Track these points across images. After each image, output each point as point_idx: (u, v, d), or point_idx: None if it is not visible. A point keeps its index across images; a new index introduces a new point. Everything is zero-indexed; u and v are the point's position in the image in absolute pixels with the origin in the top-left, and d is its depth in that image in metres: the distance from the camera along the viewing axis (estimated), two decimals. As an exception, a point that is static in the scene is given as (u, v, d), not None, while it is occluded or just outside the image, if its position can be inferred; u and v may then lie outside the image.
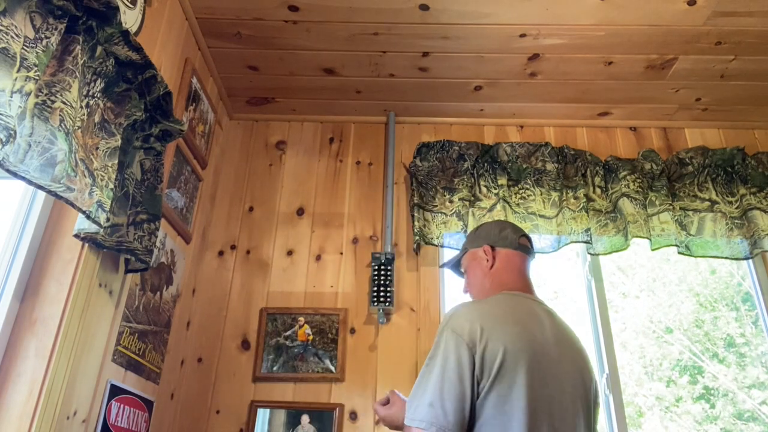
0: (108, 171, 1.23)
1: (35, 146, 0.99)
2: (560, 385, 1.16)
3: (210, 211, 2.27)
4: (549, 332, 1.23)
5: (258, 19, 1.96)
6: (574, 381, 1.21)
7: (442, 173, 2.26)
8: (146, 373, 1.68)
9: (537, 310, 1.28)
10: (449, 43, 2.05)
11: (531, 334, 1.18)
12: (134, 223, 1.41)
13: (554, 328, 1.26)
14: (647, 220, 2.16)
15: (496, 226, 1.51)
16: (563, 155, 2.29)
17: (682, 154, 2.32)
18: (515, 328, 1.17)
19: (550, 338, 1.21)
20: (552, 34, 2.01)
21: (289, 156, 2.42)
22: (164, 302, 1.81)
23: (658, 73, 2.19)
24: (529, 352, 1.14)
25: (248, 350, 2.05)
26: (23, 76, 0.95)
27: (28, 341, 1.21)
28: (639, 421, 5.61)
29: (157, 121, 1.47)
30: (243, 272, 2.18)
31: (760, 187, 2.23)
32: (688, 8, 1.87)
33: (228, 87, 2.33)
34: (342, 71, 2.22)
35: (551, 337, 1.22)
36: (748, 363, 5.59)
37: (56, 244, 1.30)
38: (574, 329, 1.36)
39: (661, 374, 5.79)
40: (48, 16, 1.03)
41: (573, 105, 2.40)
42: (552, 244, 2.15)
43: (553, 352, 1.19)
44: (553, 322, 1.27)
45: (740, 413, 5.36)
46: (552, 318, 1.29)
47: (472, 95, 2.35)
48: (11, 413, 1.14)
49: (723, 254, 2.16)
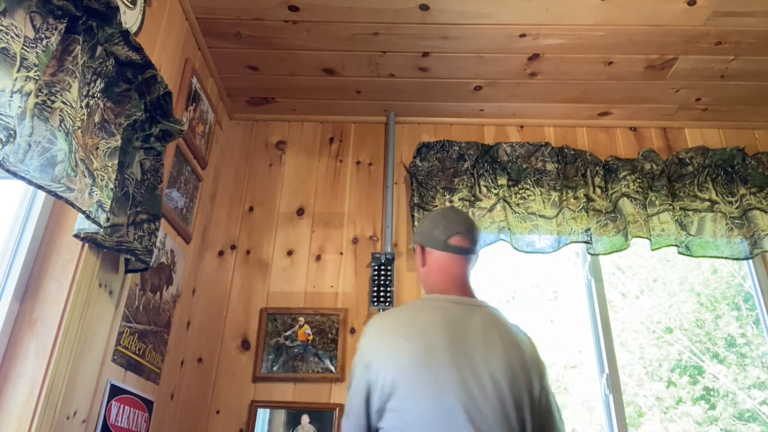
0: (108, 171, 1.23)
1: (35, 146, 0.99)
2: (475, 389, 1.16)
3: (210, 211, 2.27)
4: (466, 336, 1.22)
5: (258, 19, 1.96)
6: (502, 380, 1.18)
7: (442, 173, 2.26)
8: (146, 373, 1.68)
9: (455, 315, 1.25)
10: (449, 43, 2.05)
11: (428, 346, 1.19)
12: (134, 223, 1.41)
13: (480, 331, 1.23)
14: (647, 220, 2.16)
15: (430, 223, 1.44)
16: (563, 155, 2.29)
17: (682, 154, 2.32)
18: (409, 343, 1.20)
19: (465, 343, 1.21)
20: (552, 34, 2.01)
21: (289, 156, 2.42)
22: (164, 302, 1.81)
23: (658, 73, 2.19)
24: (420, 367, 1.18)
25: (248, 350, 2.05)
26: (23, 76, 0.95)
27: (28, 341, 1.21)
28: (639, 421, 5.60)
29: (157, 121, 1.47)
30: (243, 272, 2.18)
31: (760, 187, 2.23)
32: (688, 8, 1.87)
33: (228, 87, 2.34)
34: (342, 71, 2.23)
35: (470, 340, 1.21)
36: (749, 363, 5.59)
37: (56, 244, 1.30)
38: (521, 327, 1.35)
39: (662, 374, 5.79)
40: (48, 16, 1.03)
41: (573, 105, 2.40)
42: (552, 244, 2.15)
43: (462, 357, 1.19)
44: (481, 325, 1.25)
45: (740, 413, 5.36)
46: (483, 319, 1.26)
47: (472, 95, 2.35)
48: (11, 413, 1.14)
49: (723, 254, 2.16)
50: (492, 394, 1.16)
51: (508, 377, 1.19)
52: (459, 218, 1.42)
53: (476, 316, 1.27)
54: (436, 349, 1.19)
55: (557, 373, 6.30)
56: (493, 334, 1.24)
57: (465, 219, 1.43)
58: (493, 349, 1.21)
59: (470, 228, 1.41)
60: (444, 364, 1.17)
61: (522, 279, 7.06)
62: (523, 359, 1.23)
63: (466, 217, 1.44)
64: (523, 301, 6.94)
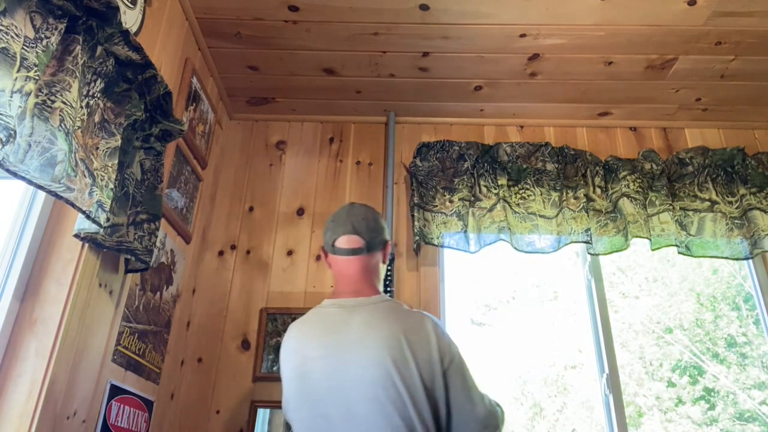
0: (108, 171, 1.23)
1: (35, 146, 0.99)
2: (350, 393, 1.19)
3: (210, 211, 2.27)
4: (342, 341, 1.24)
5: (258, 19, 1.96)
6: (377, 380, 1.18)
7: (442, 173, 2.27)
8: (146, 373, 1.68)
9: (334, 321, 1.28)
10: (449, 43, 2.05)
11: (305, 357, 1.26)
12: (134, 223, 1.41)
13: (357, 333, 1.24)
14: (647, 220, 2.16)
15: (327, 226, 1.44)
16: (563, 155, 2.29)
17: (682, 154, 2.32)
18: (293, 357, 1.29)
19: (341, 348, 1.23)
20: (552, 34, 2.01)
21: (289, 156, 2.42)
22: (164, 302, 1.81)
23: (658, 73, 2.19)
24: (298, 380, 1.26)
25: (248, 350, 2.05)
26: (23, 76, 0.95)
27: (28, 341, 1.21)
28: (639, 421, 5.61)
29: (157, 121, 1.47)
30: (243, 272, 2.18)
31: (760, 187, 2.23)
32: (688, 8, 1.87)
33: (228, 87, 2.34)
34: (342, 71, 2.23)
35: (346, 344, 1.23)
36: (749, 363, 5.59)
37: (56, 244, 1.30)
38: (410, 317, 1.29)
39: (662, 374, 5.79)
40: (48, 16, 1.03)
41: (573, 105, 2.40)
42: (552, 244, 2.15)
43: (336, 364, 1.22)
44: (360, 325, 1.25)
45: (740, 413, 5.36)
46: (363, 319, 1.26)
47: (472, 95, 2.35)
48: (11, 413, 1.14)
49: (723, 254, 2.16)
50: (366, 396, 1.17)
51: (384, 375, 1.18)
52: (346, 218, 1.40)
53: (357, 317, 1.27)
54: (312, 360, 1.24)
55: (557, 373, 6.30)
56: (371, 333, 1.23)
57: (351, 218, 1.40)
58: (368, 350, 1.21)
59: (357, 226, 1.38)
60: (316, 375, 1.23)
61: (522, 279, 7.06)
62: (402, 352, 1.20)
63: (354, 214, 1.41)
64: (523, 301, 6.94)
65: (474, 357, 6.49)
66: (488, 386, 6.34)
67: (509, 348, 6.60)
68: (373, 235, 1.39)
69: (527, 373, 6.39)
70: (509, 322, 6.81)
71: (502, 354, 6.55)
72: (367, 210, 1.43)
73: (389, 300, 1.33)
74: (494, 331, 6.84)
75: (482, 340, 6.80)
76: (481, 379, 6.31)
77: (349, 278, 1.37)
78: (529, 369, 6.40)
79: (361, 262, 1.38)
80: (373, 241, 1.39)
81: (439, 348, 1.23)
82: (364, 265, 1.38)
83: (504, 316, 6.89)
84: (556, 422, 6.02)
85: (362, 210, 1.42)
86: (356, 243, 1.37)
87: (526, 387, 6.34)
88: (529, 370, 6.40)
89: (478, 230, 2.15)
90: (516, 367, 6.45)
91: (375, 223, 1.41)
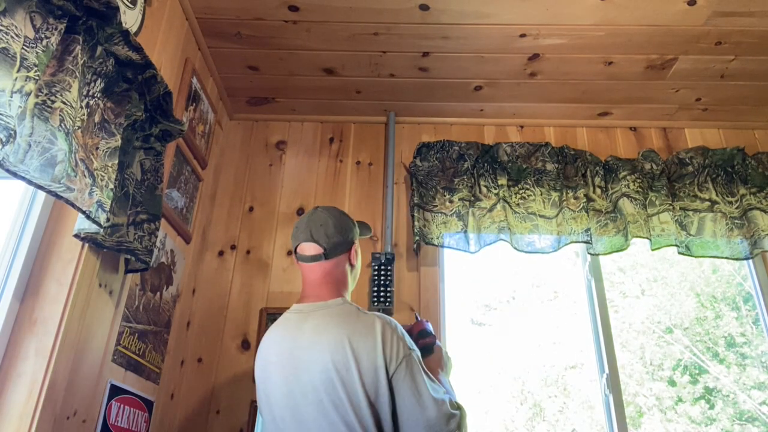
0: (108, 171, 1.23)
1: (35, 146, 0.99)
2: (299, 397, 1.23)
3: (210, 211, 2.27)
4: (295, 346, 1.27)
5: (258, 19, 1.96)
6: (320, 385, 1.21)
7: (442, 173, 2.26)
8: (146, 373, 1.68)
9: (290, 326, 1.32)
10: (449, 43, 2.05)
11: (266, 363, 1.31)
12: (134, 223, 1.41)
13: (308, 338, 1.27)
14: (647, 220, 2.16)
15: (292, 231, 1.46)
16: (563, 155, 2.29)
17: (682, 154, 2.32)
18: (259, 362, 1.35)
19: (293, 353, 1.26)
20: (552, 34, 2.01)
21: (289, 156, 2.42)
22: (164, 302, 1.81)
23: (658, 73, 2.19)
24: (261, 384, 1.31)
25: (248, 350, 2.05)
26: (23, 76, 0.95)
27: (28, 341, 1.21)
28: (639, 421, 5.61)
29: (157, 121, 1.47)
30: (243, 272, 2.18)
31: (760, 187, 2.23)
32: (688, 8, 1.87)
33: (228, 87, 2.34)
34: (342, 71, 2.23)
35: (298, 350, 1.26)
36: (749, 363, 5.59)
37: (56, 244, 1.30)
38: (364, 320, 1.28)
39: (662, 374, 5.79)
40: (48, 16, 1.03)
41: (573, 105, 2.40)
42: (552, 244, 2.15)
43: (288, 368, 1.26)
44: (311, 330, 1.28)
45: (740, 413, 5.36)
46: (315, 324, 1.28)
47: (472, 95, 2.35)
48: (11, 413, 1.14)
49: (723, 254, 2.16)
50: (312, 400, 1.21)
51: (327, 379, 1.20)
52: (306, 225, 1.42)
53: (310, 322, 1.30)
54: (271, 364, 1.29)
55: (557, 373, 6.30)
56: (319, 338, 1.25)
57: (311, 225, 1.41)
58: (314, 354, 1.24)
59: (315, 233, 1.39)
60: (273, 379, 1.28)
61: (522, 279, 7.06)
62: (345, 357, 1.21)
63: (314, 221, 1.42)
64: (523, 301, 6.95)
65: (474, 357, 6.49)
66: (488, 386, 6.34)
67: (509, 348, 6.60)
68: (333, 241, 1.40)
69: (527, 373, 6.39)
70: (509, 322, 6.81)
71: (502, 354, 6.56)
72: (327, 215, 1.43)
73: (345, 304, 1.34)
74: (494, 331, 6.84)
75: (482, 340, 6.80)
76: (481, 380, 6.30)
77: (311, 283, 1.40)
78: (529, 369, 6.41)
79: (321, 268, 1.40)
80: (332, 247, 1.40)
81: (384, 353, 1.22)
82: (325, 271, 1.40)
83: (504, 316, 6.90)
84: (556, 422, 6.03)
85: (322, 216, 1.43)
86: (314, 250, 1.40)
87: (526, 387, 6.34)
88: (529, 370, 6.40)
89: (478, 230, 2.15)
90: (516, 367, 6.45)
91: (335, 228, 1.41)
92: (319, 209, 1.46)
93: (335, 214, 1.45)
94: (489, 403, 6.35)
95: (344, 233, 1.43)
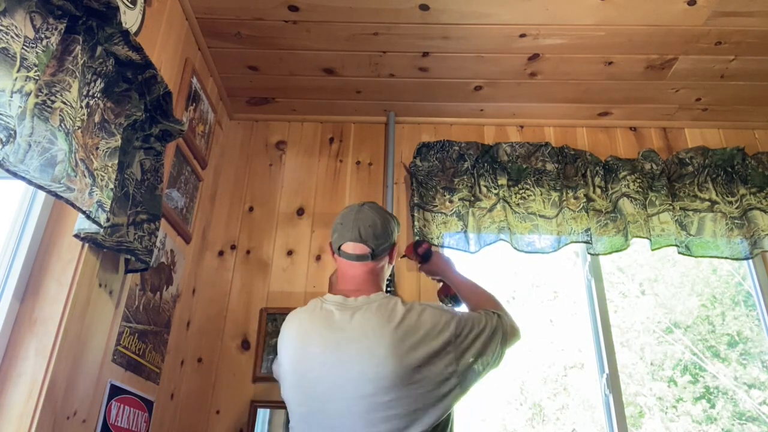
0: (108, 171, 1.23)
1: (35, 146, 0.99)
2: (334, 394, 1.20)
3: (210, 211, 2.27)
4: (341, 340, 1.24)
5: (258, 19, 1.96)
6: (356, 381, 1.19)
7: (442, 173, 2.26)
8: (146, 373, 1.68)
9: (336, 319, 1.28)
10: (449, 43, 2.05)
11: (306, 353, 1.27)
12: (134, 223, 1.41)
13: (355, 333, 1.24)
14: (647, 220, 2.16)
15: (335, 227, 1.44)
16: (563, 155, 2.29)
17: (682, 154, 2.32)
18: (292, 351, 1.30)
19: (339, 346, 1.23)
20: (552, 34, 2.01)
21: (289, 156, 2.42)
22: (164, 302, 1.81)
23: (658, 73, 2.19)
24: (297, 374, 1.27)
25: (248, 350, 2.05)
26: (23, 76, 0.95)
27: (28, 341, 1.21)
28: (640, 421, 5.61)
29: (157, 121, 1.47)
30: (243, 272, 2.18)
31: (760, 187, 2.23)
32: (688, 8, 1.87)
33: (228, 87, 2.34)
34: (342, 71, 2.23)
35: (344, 342, 1.23)
36: (749, 363, 5.59)
37: (56, 244, 1.30)
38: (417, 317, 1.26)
39: (663, 374, 5.79)
40: (48, 16, 1.03)
41: (573, 105, 2.40)
42: (552, 244, 2.15)
43: (334, 361, 1.22)
44: (358, 326, 1.25)
45: (741, 413, 5.36)
46: (361, 319, 1.26)
47: (472, 95, 2.35)
48: (11, 413, 1.14)
49: (723, 254, 2.16)
50: (364, 393, 1.18)
51: (382, 372, 1.17)
52: (353, 223, 1.39)
53: (357, 316, 1.27)
54: (312, 355, 1.25)
55: (557, 373, 6.30)
56: (367, 332, 1.23)
57: (359, 223, 1.38)
58: (364, 347, 1.21)
59: (364, 233, 1.37)
60: (316, 371, 1.23)
61: (522, 279, 7.06)
62: (399, 347, 1.19)
63: (362, 219, 1.39)
64: (523, 301, 6.95)
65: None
66: (488, 387, 6.34)
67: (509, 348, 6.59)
68: (380, 242, 1.38)
69: (527, 373, 6.39)
70: (509, 322, 6.79)
71: (501, 354, 6.54)
72: (375, 215, 1.40)
73: (387, 297, 1.33)
74: (494, 331, 6.82)
75: (482, 340, 6.77)
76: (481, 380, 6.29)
77: (353, 279, 1.38)
78: (529, 369, 6.41)
79: (366, 266, 1.38)
80: (380, 248, 1.38)
81: (432, 344, 1.22)
82: (369, 270, 1.38)
83: (504, 316, 6.87)
84: (557, 422, 6.03)
85: (371, 215, 1.40)
86: (362, 250, 1.37)
87: (526, 387, 6.34)
88: (529, 370, 6.40)
89: (478, 230, 2.15)
90: (516, 367, 6.45)
91: (383, 229, 1.39)
92: (366, 206, 1.43)
93: (383, 214, 1.43)
94: (489, 404, 6.36)
95: (390, 235, 1.42)
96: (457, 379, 1.22)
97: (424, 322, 1.24)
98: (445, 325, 1.25)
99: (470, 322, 1.30)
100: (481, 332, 1.29)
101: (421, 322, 1.23)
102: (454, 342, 1.24)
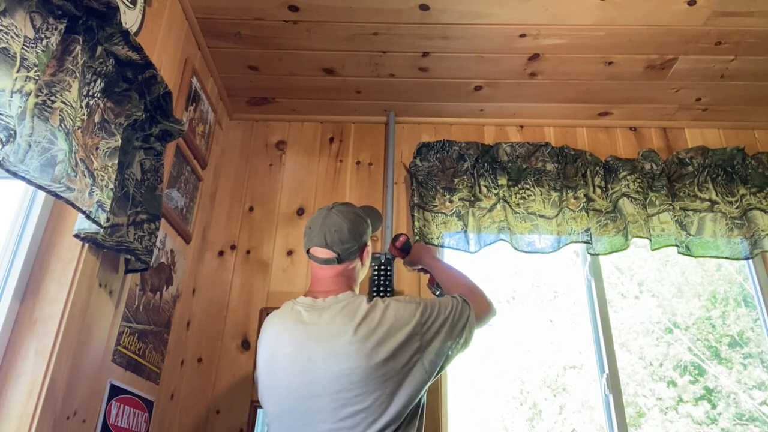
0: (108, 171, 1.23)
1: (35, 146, 0.99)
2: (304, 392, 1.23)
3: (210, 211, 2.27)
4: (308, 339, 1.27)
5: (258, 19, 1.96)
6: (324, 379, 1.21)
7: (442, 173, 2.26)
8: (146, 373, 1.68)
9: (304, 319, 1.31)
10: (449, 43, 2.05)
11: (277, 353, 1.30)
12: (134, 223, 1.41)
13: (322, 332, 1.26)
14: (647, 220, 2.16)
15: (305, 230, 1.47)
16: (563, 155, 2.29)
17: (682, 154, 2.32)
18: (264, 351, 1.35)
19: (307, 346, 1.26)
20: (552, 34, 2.01)
21: (289, 156, 2.42)
22: (164, 302, 1.81)
23: (658, 73, 2.19)
24: (270, 374, 1.31)
25: (248, 350, 2.05)
26: (23, 76, 0.95)
27: (28, 341, 1.21)
28: (639, 422, 5.60)
29: (157, 121, 1.47)
30: (243, 272, 2.18)
31: (760, 187, 2.23)
32: (688, 8, 1.87)
33: (228, 87, 2.34)
34: (342, 71, 2.22)
35: (311, 342, 1.26)
36: (749, 363, 5.59)
37: (56, 244, 1.30)
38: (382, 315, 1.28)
39: (663, 374, 5.79)
40: (48, 16, 1.03)
41: (573, 105, 2.40)
42: (552, 244, 2.15)
43: (303, 361, 1.25)
44: (324, 325, 1.27)
45: (741, 414, 5.36)
46: (328, 318, 1.28)
47: (472, 95, 2.35)
48: (11, 413, 1.14)
49: (723, 254, 2.16)
50: (330, 391, 1.20)
51: (348, 369, 1.20)
52: (320, 229, 1.41)
53: (324, 317, 1.30)
54: (282, 356, 1.29)
55: (557, 374, 6.30)
56: (333, 331, 1.26)
57: (325, 229, 1.40)
58: (332, 346, 1.23)
59: (329, 239, 1.39)
60: (286, 371, 1.27)
61: (522, 279, 7.05)
62: (350, 349, 1.21)
63: (328, 225, 1.40)
64: (523, 301, 6.94)
65: (473, 357, 6.49)
66: (487, 386, 6.34)
67: (508, 348, 6.60)
68: (347, 246, 1.40)
69: (527, 374, 6.39)
70: (508, 322, 6.81)
71: (501, 354, 6.56)
72: (342, 219, 1.41)
73: (354, 296, 1.35)
74: (493, 331, 6.84)
75: (482, 340, 6.80)
76: (481, 380, 6.30)
77: (323, 281, 1.42)
78: (529, 369, 6.40)
79: (334, 269, 1.41)
80: (346, 252, 1.40)
81: (400, 336, 1.25)
82: (337, 272, 1.42)
83: (503, 316, 6.90)
84: (556, 423, 6.03)
85: (337, 220, 1.41)
86: (328, 255, 1.41)
87: (525, 387, 6.34)
88: (528, 371, 6.40)
89: (478, 230, 2.15)
90: (515, 367, 6.45)
91: (350, 233, 1.40)
92: (334, 211, 1.43)
93: (350, 217, 1.42)
94: (488, 404, 6.36)
95: (358, 238, 1.42)
96: (423, 366, 1.25)
97: (387, 317, 1.26)
98: (410, 316, 1.28)
99: (436, 308, 1.33)
100: (447, 317, 1.33)
101: (385, 318, 1.26)
102: (420, 331, 1.27)
